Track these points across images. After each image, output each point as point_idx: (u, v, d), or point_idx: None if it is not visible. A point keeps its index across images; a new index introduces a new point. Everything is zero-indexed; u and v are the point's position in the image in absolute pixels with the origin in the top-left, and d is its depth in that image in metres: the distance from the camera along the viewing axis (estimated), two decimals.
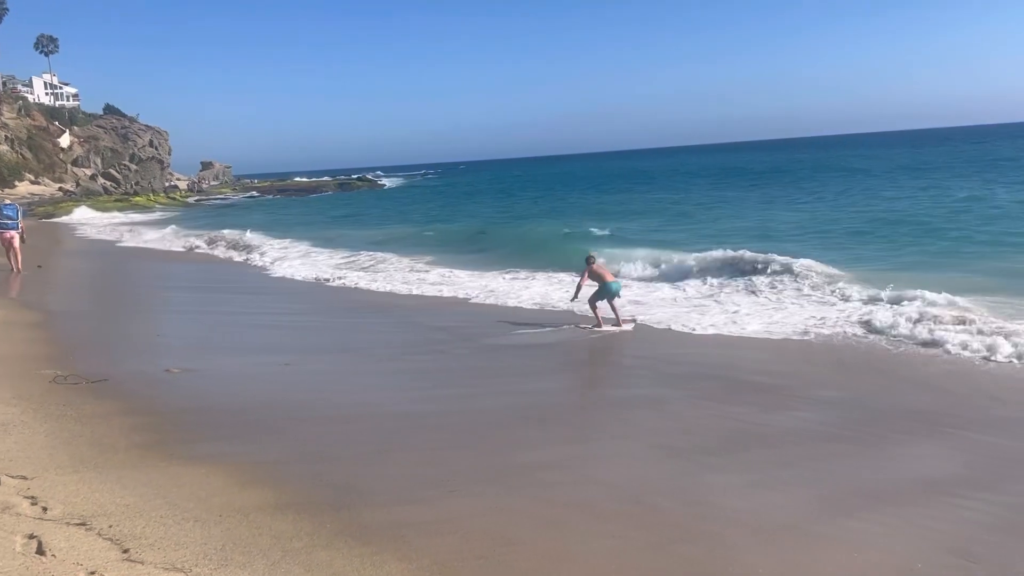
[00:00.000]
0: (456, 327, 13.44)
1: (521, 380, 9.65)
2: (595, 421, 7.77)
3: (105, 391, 8.03)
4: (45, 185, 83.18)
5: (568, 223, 34.32)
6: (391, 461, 6.29)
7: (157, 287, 20.20)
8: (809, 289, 15.72)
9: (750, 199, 44.30)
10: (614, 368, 10.34)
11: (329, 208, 64.55)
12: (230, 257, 28.06)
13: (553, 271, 19.92)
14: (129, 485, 5.32)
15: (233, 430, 6.94)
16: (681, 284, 17.46)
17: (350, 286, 19.59)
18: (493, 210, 50.97)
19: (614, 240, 27.07)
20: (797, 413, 8.13)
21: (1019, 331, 10.82)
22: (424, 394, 8.73)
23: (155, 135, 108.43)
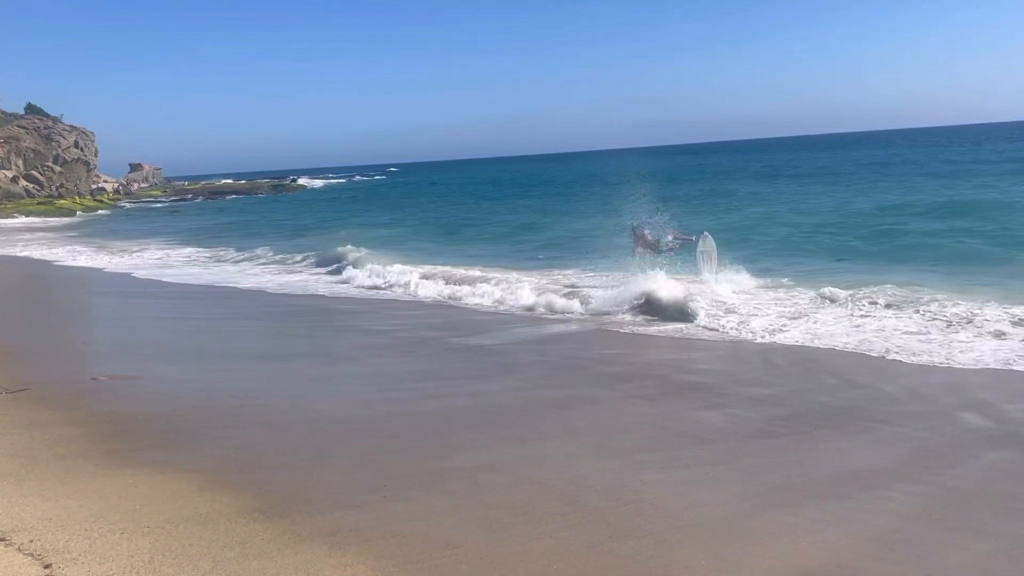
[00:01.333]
0: (393, 330, 13.37)
1: (459, 382, 9.65)
2: (533, 422, 7.79)
3: (26, 401, 7.76)
4: None
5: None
6: (328, 467, 6.21)
7: (76, 297, 19.59)
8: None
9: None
10: (551, 369, 10.38)
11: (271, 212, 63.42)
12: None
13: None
14: (51, 498, 5.15)
15: (163, 438, 6.77)
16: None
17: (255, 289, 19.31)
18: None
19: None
20: (728, 411, 8.30)
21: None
22: (361, 398, 8.66)
23: (80, 136, 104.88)
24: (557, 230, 31.87)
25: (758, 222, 30.05)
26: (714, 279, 15.96)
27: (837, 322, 12.66)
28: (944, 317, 12.31)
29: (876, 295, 13.97)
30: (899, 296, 13.81)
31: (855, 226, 27.12)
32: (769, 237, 25.59)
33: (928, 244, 22.23)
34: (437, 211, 50.85)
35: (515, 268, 20.50)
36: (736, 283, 16.10)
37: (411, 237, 32.53)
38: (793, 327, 12.48)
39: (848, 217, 29.66)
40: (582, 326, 13.91)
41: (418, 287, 18.37)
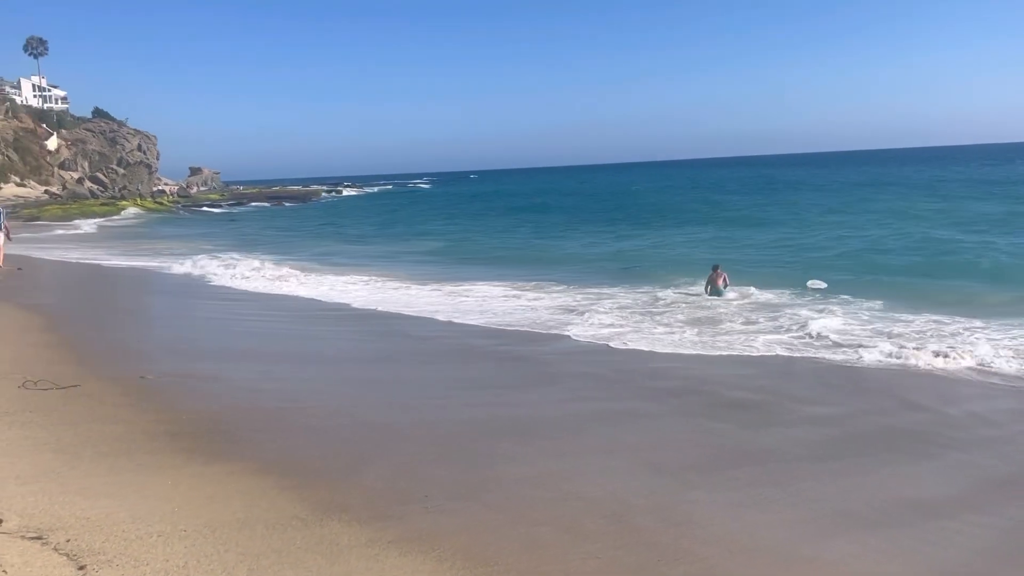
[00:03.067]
0: (440, 337, 13.29)
1: (502, 392, 9.49)
2: (577, 435, 7.59)
3: (76, 397, 7.81)
4: (31, 188, 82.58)
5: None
6: (368, 474, 6.09)
7: (138, 296, 19.93)
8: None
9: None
10: (598, 381, 10.16)
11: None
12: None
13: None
14: (92, 496, 5.12)
15: (205, 440, 6.72)
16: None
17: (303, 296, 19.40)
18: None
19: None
20: (782, 430, 7.99)
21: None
22: (403, 404, 8.54)
23: (144, 139, 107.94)
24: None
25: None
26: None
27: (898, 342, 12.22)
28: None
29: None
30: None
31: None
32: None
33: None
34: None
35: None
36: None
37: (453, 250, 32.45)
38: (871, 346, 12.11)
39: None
40: (631, 338, 13.63)
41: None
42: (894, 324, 13.76)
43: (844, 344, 12.43)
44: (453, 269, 24.93)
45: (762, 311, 15.83)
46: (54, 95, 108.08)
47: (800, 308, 15.78)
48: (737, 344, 12.85)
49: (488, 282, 21.05)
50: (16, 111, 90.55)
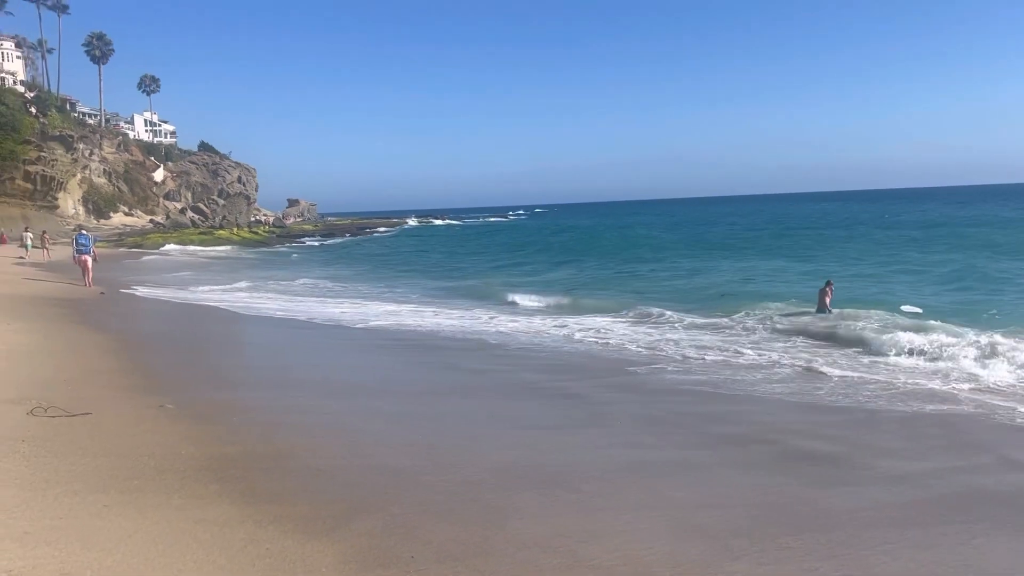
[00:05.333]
0: (488, 370, 12.55)
1: (542, 433, 8.64)
2: (613, 487, 6.67)
3: (81, 426, 7.39)
4: (137, 217, 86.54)
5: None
6: (357, 527, 5.33)
7: (202, 324, 19.96)
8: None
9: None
10: (649, 424, 9.20)
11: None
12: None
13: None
14: (29, 543, 4.53)
15: (192, 479, 6.11)
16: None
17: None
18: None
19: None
20: (855, 489, 6.88)
21: None
22: (425, 443, 7.79)
23: (244, 172, 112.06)
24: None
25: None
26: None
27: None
28: None
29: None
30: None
31: None
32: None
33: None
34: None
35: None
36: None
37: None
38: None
39: None
40: (703, 376, 12.61)
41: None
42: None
43: (938, 389, 11.12)
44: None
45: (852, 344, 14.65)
46: (164, 129, 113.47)
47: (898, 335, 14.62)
48: (813, 384, 11.70)
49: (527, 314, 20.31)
50: (127, 145, 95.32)
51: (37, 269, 31.94)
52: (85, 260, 26.05)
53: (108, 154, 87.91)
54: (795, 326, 17.18)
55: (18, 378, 9.63)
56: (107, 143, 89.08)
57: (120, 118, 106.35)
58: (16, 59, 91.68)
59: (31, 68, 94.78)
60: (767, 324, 17.64)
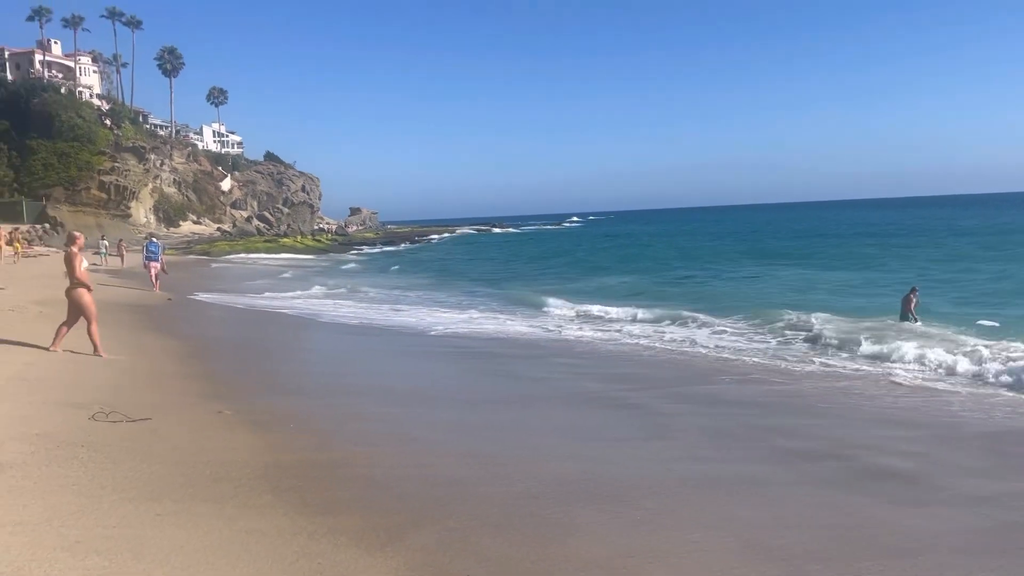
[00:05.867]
0: (550, 379, 12.31)
1: (605, 445, 8.36)
2: (678, 504, 6.36)
3: (140, 431, 7.39)
4: (205, 225, 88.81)
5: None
6: (411, 541, 5.14)
7: (267, 330, 20.17)
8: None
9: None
10: (717, 436, 8.84)
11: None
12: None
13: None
14: (81, 553, 4.45)
15: (246, 488, 6.00)
16: None
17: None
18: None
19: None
20: (938, 510, 6.45)
21: None
22: (482, 454, 7.59)
23: (307, 181, 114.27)
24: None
25: None
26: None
27: None
28: None
29: None
30: None
31: None
32: None
33: None
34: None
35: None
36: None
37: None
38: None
39: None
40: (770, 387, 12.18)
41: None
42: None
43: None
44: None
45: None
46: (231, 140, 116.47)
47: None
48: (890, 396, 11.17)
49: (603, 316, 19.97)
50: (197, 155, 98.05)
51: (111, 276, 32.86)
52: (154, 267, 27.25)
53: (178, 164, 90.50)
54: (871, 334, 16.50)
55: (84, 382, 9.75)
56: (177, 154, 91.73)
57: (190, 129, 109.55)
58: (93, 73, 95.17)
59: (106, 82, 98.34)
60: (838, 334, 17.00)
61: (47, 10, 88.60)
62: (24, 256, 40.40)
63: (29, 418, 7.49)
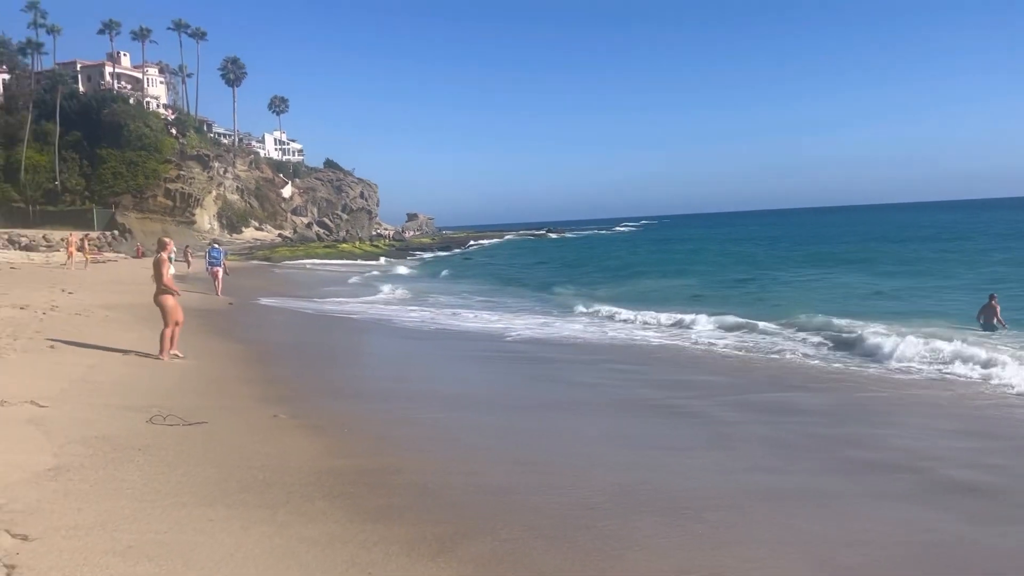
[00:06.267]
0: (604, 384, 12.07)
1: (661, 454, 8.11)
2: (741, 517, 6.10)
3: (196, 435, 7.42)
4: (267, 231, 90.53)
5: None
6: (462, 552, 5.00)
7: (328, 334, 20.33)
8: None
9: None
10: (779, 447, 8.51)
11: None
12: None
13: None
14: (132, 558, 4.42)
15: (299, 494, 5.94)
16: None
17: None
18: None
19: None
20: (1020, 528, 6.05)
21: None
22: (533, 461, 7.41)
23: (366, 187, 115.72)
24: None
25: None
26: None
27: None
28: None
29: None
30: None
31: None
32: None
33: None
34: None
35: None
36: None
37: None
38: None
39: None
40: (835, 395, 11.75)
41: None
42: None
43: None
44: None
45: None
46: (292, 148, 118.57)
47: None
48: (965, 406, 10.64)
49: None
50: (258, 163, 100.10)
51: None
52: (216, 272, 27.93)
53: (241, 172, 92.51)
54: (942, 341, 15.83)
55: (145, 385, 9.89)
56: (240, 161, 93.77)
57: (252, 137, 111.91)
58: (159, 84, 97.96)
59: (172, 92, 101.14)
60: (905, 340, 16.36)
61: (117, 23, 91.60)
62: (93, 262, 41.64)
63: (90, 421, 7.59)
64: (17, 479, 5.58)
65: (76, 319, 15.81)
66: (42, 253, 55.29)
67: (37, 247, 63.21)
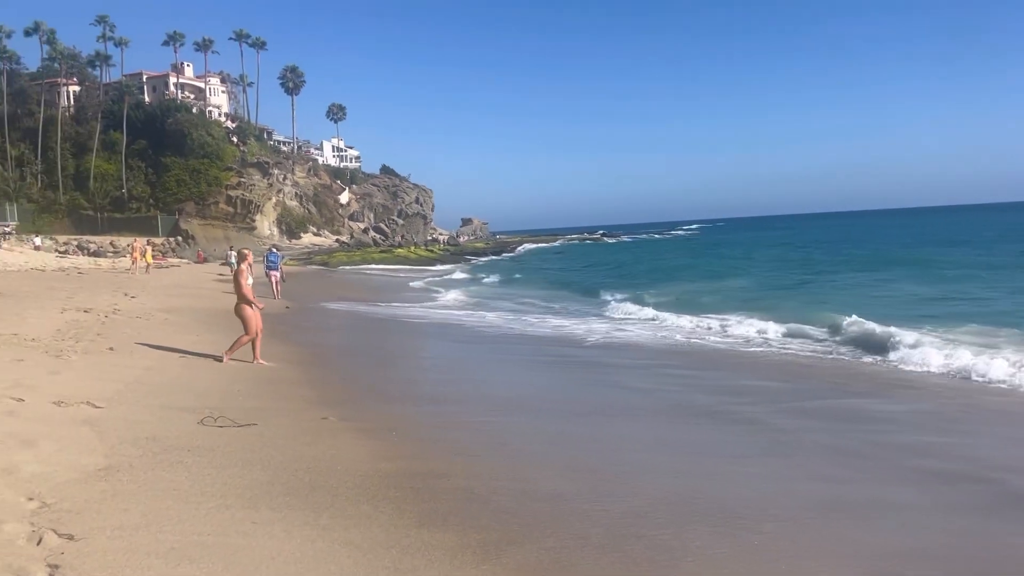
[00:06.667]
0: (658, 390, 11.81)
1: (716, 461, 7.85)
2: (800, 529, 5.84)
3: (245, 436, 7.44)
4: (324, 237, 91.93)
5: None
6: (507, 560, 4.88)
7: (388, 336, 20.42)
8: None
9: None
10: (841, 455, 8.16)
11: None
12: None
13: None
14: (174, 560, 4.41)
15: (343, 497, 5.88)
16: None
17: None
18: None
19: None
20: None
21: None
22: (585, 467, 7.23)
23: (421, 193, 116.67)
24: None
25: None
26: None
27: None
28: None
29: None
30: None
31: None
32: None
33: None
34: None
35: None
36: None
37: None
38: None
39: None
40: (899, 403, 11.31)
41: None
42: None
43: None
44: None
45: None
46: (349, 155, 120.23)
47: None
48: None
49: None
50: (317, 170, 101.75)
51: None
52: (274, 275, 28.52)
53: (299, 179, 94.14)
54: (1014, 348, 15.15)
55: (198, 387, 9.99)
56: (299, 168, 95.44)
57: (310, 145, 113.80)
58: (221, 93, 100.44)
59: (233, 101, 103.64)
60: (974, 345, 15.70)
61: (180, 35, 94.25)
62: (156, 267, 42.74)
63: (143, 422, 7.68)
64: (68, 479, 5.64)
65: (136, 322, 16.15)
66: (108, 259, 57.07)
67: (104, 253, 65.33)
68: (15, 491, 5.23)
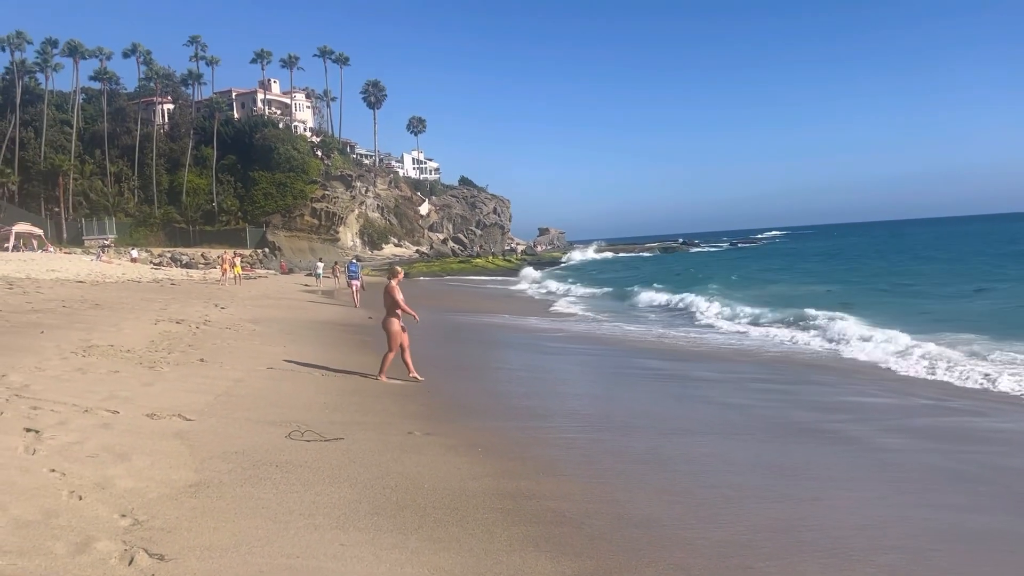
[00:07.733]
0: (751, 405, 11.32)
1: (819, 485, 7.40)
2: (914, 561, 5.38)
3: (332, 452, 7.37)
4: (405, 248, 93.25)
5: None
6: None
7: (484, 348, 20.35)
8: None
9: None
10: (955, 479, 7.59)
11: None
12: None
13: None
14: None
15: (431, 517, 5.71)
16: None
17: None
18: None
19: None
20: None
21: None
22: (682, 490, 6.89)
23: (498, 203, 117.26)
24: None
25: None
26: None
27: None
28: None
29: None
30: None
31: None
32: None
33: None
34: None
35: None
36: None
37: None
38: None
39: None
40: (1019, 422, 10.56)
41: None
42: None
43: None
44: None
45: None
46: (429, 167, 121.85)
47: None
48: None
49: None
50: (398, 182, 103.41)
51: (322, 296, 34.90)
52: (354, 284, 29.51)
53: (381, 191, 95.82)
54: None
55: (285, 400, 10.02)
56: (380, 181, 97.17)
57: (391, 157, 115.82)
58: (306, 109, 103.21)
59: (318, 116, 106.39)
60: None
61: (267, 53, 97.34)
62: (245, 278, 43.95)
63: (232, 436, 7.69)
64: (160, 495, 5.63)
65: (225, 333, 16.47)
66: (200, 270, 59.05)
67: (196, 264, 67.69)
68: (109, 507, 5.23)
